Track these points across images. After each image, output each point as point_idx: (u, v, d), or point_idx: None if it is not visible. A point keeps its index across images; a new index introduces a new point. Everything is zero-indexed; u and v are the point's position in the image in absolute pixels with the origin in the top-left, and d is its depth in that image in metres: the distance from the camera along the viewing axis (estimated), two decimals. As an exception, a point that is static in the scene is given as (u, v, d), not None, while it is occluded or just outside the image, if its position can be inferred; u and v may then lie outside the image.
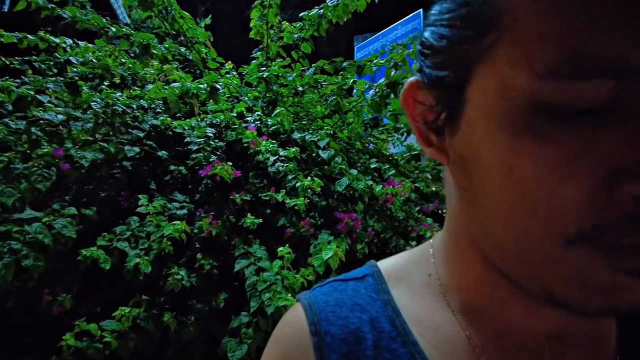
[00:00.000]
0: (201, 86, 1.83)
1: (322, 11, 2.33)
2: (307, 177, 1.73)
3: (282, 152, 1.83)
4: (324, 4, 2.34)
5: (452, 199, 0.38)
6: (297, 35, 2.44)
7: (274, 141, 1.92)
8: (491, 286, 0.36)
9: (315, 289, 0.44)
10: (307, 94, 2.35)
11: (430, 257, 0.43)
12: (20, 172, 1.41)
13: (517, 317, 0.36)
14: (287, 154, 1.82)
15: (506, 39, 0.27)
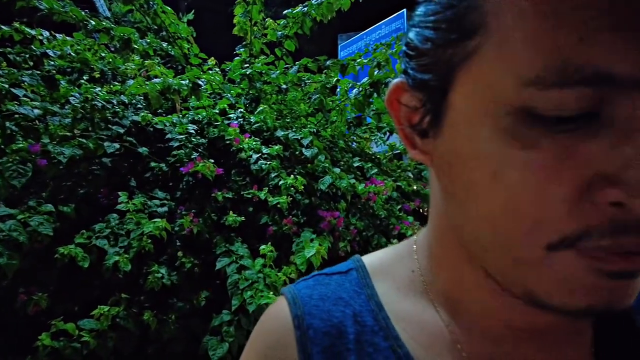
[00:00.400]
0: (183, 82, 1.81)
1: (306, 9, 2.32)
2: (290, 175, 1.73)
3: (265, 150, 1.82)
4: (308, 2, 2.33)
5: (437, 198, 0.38)
6: (281, 32, 2.43)
7: (256, 139, 1.91)
8: (474, 284, 0.36)
9: (299, 283, 0.44)
10: (291, 92, 2.34)
11: (413, 253, 0.43)
12: (-6, 168, 1.36)
13: (498, 313, 0.36)
14: (270, 152, 1.81)
15: (490, 44, 0.27)
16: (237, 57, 2.44)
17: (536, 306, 0.30)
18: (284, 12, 2.43)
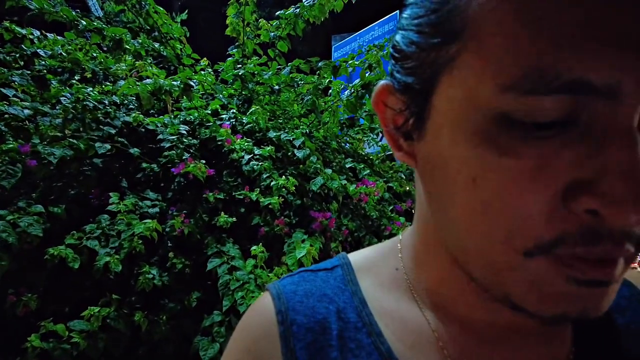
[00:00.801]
0: (174, 83, 1.80)
1: (298, 10, 2.33)
2: (282, 176, 1.73)
3: (257, 151, 1.83)
4: (300, 3, 2.34)
5: (421, 200, 0.39)
6: (274, 33, 2.43)
7: (248, 139, 1.91)
8: (456, 284, 0.37)
9: (284, 279, 0.44)
10: (284, 93, 2.35)
11: (398, 251, 0.44)
12: (-17, 169, 1.36)
13: (481, 314, 0.37)
14: (262, 153, 1.82)
15: (471, 49, 0.27)
16: (230, 58, 2.44)
17: (513, 309, 0.30)
18: (277, 13, 2.43)
